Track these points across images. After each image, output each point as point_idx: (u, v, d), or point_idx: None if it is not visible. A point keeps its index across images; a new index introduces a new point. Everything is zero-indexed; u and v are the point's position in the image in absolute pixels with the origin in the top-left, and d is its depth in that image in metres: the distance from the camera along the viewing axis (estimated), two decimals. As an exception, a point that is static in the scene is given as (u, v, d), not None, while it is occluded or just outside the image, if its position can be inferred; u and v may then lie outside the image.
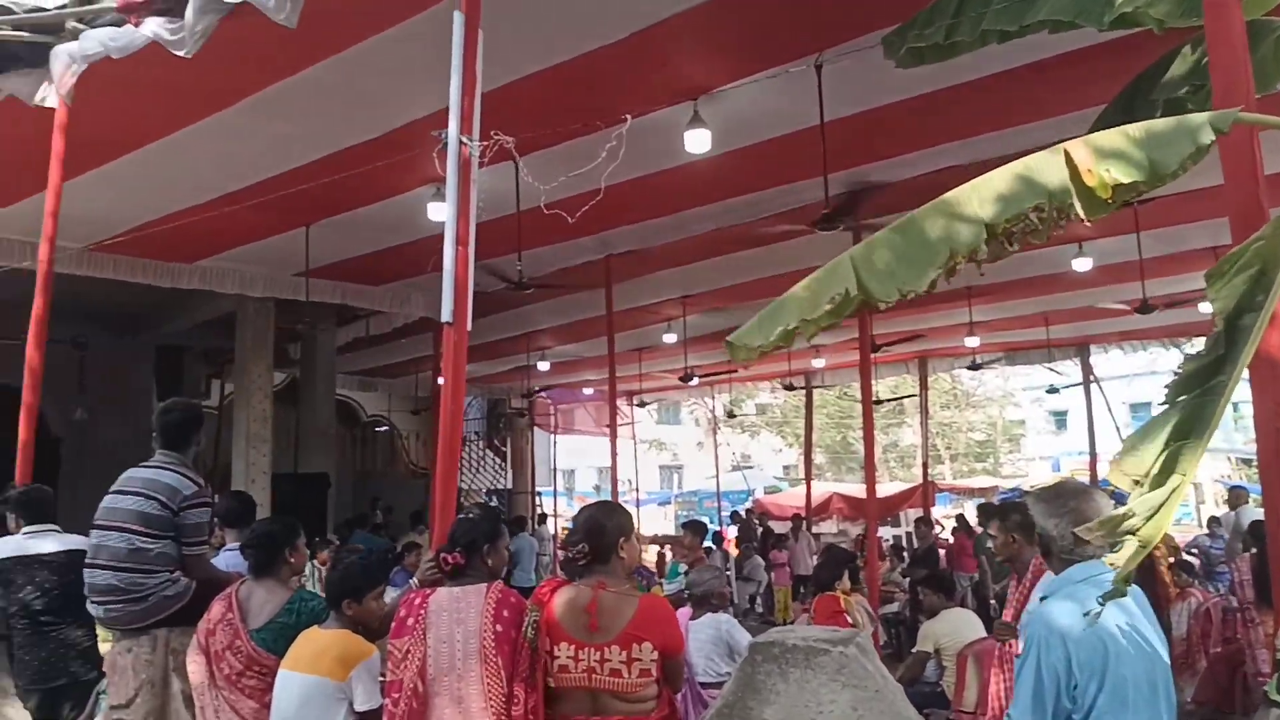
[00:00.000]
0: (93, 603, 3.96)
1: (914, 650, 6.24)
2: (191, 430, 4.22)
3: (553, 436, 22.51)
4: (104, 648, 4.78)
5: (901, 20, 4.62)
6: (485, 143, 3.92)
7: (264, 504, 10.63)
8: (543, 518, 19.07)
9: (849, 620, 5.84)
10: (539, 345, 15.59)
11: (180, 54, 4.68)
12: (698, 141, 6.41)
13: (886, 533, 17.32)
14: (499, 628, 3.03)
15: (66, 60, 4.93)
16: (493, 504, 18.10)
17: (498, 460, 21.56)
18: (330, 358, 14.44)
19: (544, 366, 16.84)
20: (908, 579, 11.38)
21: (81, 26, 5.20)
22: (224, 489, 10.29)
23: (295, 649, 3.30)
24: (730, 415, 25.08)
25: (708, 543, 11.96)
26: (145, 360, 15.30)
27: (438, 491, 3.76)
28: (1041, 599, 2.58)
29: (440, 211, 7.78)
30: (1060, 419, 37.67)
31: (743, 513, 19.51)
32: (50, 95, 5.31)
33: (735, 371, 17.98)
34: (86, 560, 3.98)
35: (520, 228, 7.37)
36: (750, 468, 31.45)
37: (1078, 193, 2.26)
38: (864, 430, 9.28)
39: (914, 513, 17.56)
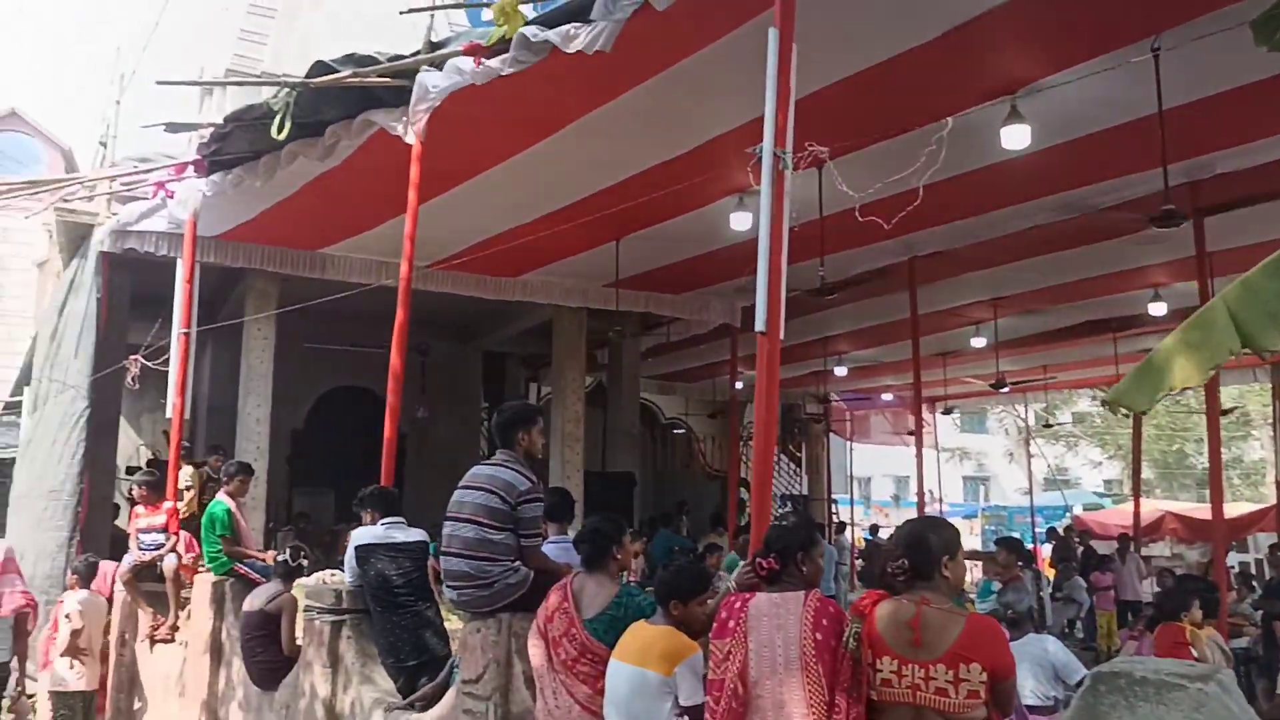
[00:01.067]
0: (448, 586, 4.42)
1: (1278, 693, 5.54)
2: (514, 429, 4.55)
3: (849, 443, 22.16)
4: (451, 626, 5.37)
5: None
6: (799, 154, 3.97)
7: (578, 500, 11.34)
8: (841, 526, 18.80)
9: (1193, 655, 5.29)
10: (836, 350, 15.42)
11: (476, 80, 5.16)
12: (1015, 138, 6.09)
13: (1233, 559, 15.41)
14: (819, 636, 3.05)
15: (421, 96, 5.55)
16: (788, 510, 18.10)
17: (792, 466, 21.56)
18: (635, 362, 15.12)
19: (841, 371, 16.63)
20: (1259, 611, 10.10)
21: (433, 70, 5.84)
22: (542, 485, 11.08)
23: (624, 641, 3.51)
24: (1046, 425, 23.41)
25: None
26: (474, 365, 16.78)
27: (753, 497, 3.85)
28: None
29: (743, 221, 7.98)
30: None
31: (1060, 530, 18.16)
32: (408, 131, 6.00)
33: (1052, 377, 16.82)
34: (442, 548, 4.45)
35: (823, 232, 7.35)
36: (1066, 481, 29.18)
37: None
38: (1209, 444, 8.35)
39: (1266, 538, 15.50)
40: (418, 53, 6.06)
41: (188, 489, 10.11)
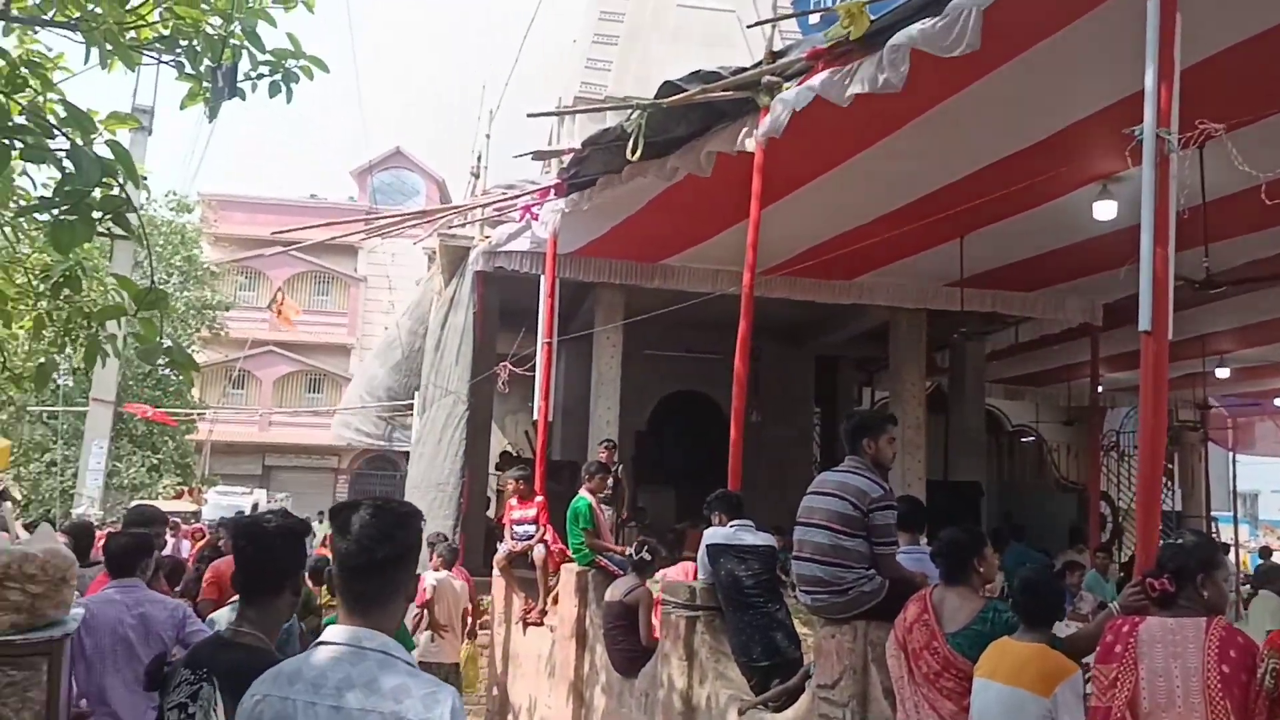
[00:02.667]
0: (801, 590, 4.45)
1: None
2: (859, 436, 4.48)
3: (1230, 454, 19.58)
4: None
5: None
6: (1186, 134, 3.59)
7: (919, 509, 10.97)
8: (1224, 548, 16.64)
9: None
10: (1218, 349, 13.69)
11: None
12: None
13: None
14: (1226, 669, 2.76)
15: (778, 112, 5.66)
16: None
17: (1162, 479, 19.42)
18: (979, 365, 14.40)
19: (1223, 373, 14.74)
20: None
21: (775, 79, 5.93)
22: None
23: (991, 658, 3.34)
24: None
25: None
26: (806, 369, 16.78)
27: (1139, 512, 3.53)
28: None
29: (1107, 211, 7.36)
30: None
31: None
32: (749, 142, 6.14)
33: None
34: (794, 553, 4.49)
35: (1205, 218, 6.57)
36: None
37: None
38: None
39: None
40: (759, 64, 6.18)
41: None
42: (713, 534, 5.60)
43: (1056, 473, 19.40)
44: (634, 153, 6.29)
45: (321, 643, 2.00)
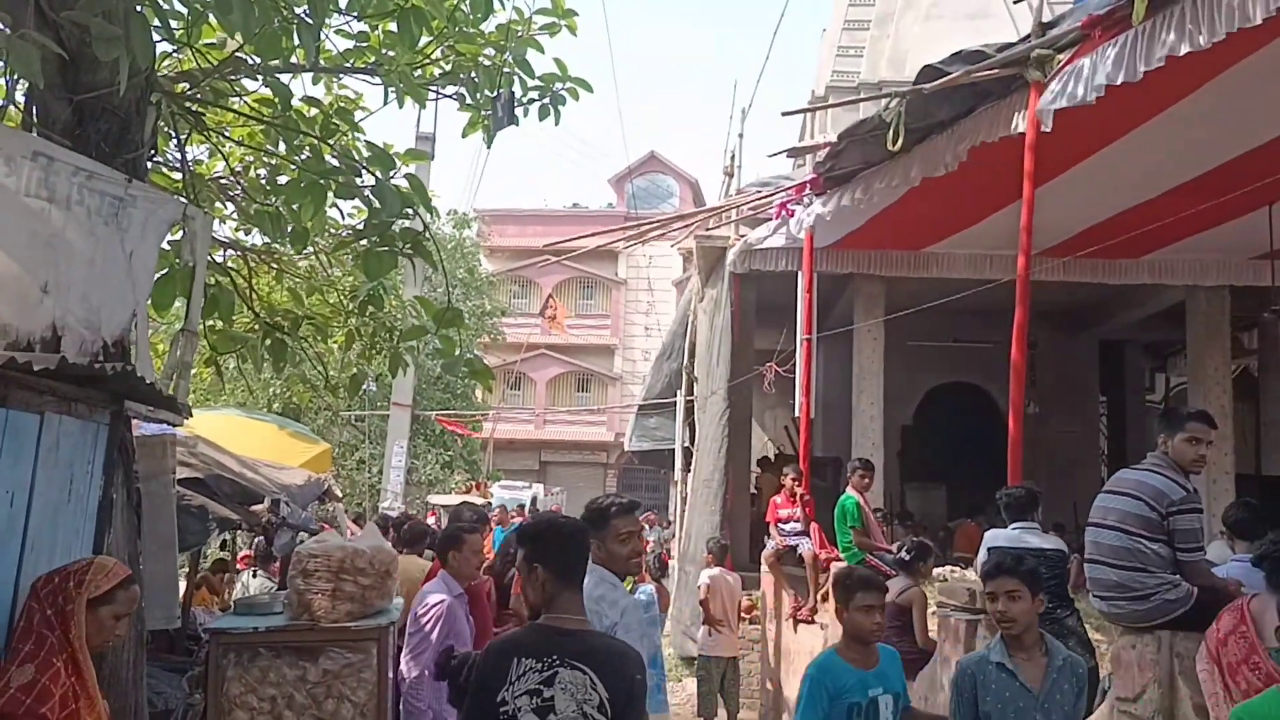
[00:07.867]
0: (1095, 596, 4.18)
1: None
2: (1158, 432, 4.20)
3: None
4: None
5: None
6: None
7: (1227, 507, 9.93)
8: None
9: None
10: None
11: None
12: None
13: None
14: None
15: (1056, 92, 5.35)
16: None
17: None
18: (1293, 345, 12.82)
19: None
20: None
21: (1046, 52, 5.59)
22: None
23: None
24: None
25: None
26: (1088, 355, 15.63)
27: None
28: None
29: None
30: None
31: None
32: (1020, 122, 5.82)
33: None
34: (1086, 555, 4.23)
35: None
36: None
37: None
38: None
39: None
40: (1026, 38, 5.86)
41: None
42: (994, 536, 5.38)
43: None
44: (895, 143, 6.14)
45: None
